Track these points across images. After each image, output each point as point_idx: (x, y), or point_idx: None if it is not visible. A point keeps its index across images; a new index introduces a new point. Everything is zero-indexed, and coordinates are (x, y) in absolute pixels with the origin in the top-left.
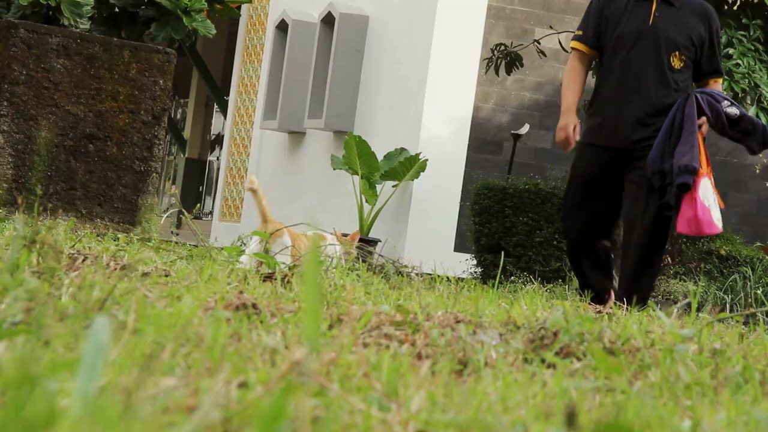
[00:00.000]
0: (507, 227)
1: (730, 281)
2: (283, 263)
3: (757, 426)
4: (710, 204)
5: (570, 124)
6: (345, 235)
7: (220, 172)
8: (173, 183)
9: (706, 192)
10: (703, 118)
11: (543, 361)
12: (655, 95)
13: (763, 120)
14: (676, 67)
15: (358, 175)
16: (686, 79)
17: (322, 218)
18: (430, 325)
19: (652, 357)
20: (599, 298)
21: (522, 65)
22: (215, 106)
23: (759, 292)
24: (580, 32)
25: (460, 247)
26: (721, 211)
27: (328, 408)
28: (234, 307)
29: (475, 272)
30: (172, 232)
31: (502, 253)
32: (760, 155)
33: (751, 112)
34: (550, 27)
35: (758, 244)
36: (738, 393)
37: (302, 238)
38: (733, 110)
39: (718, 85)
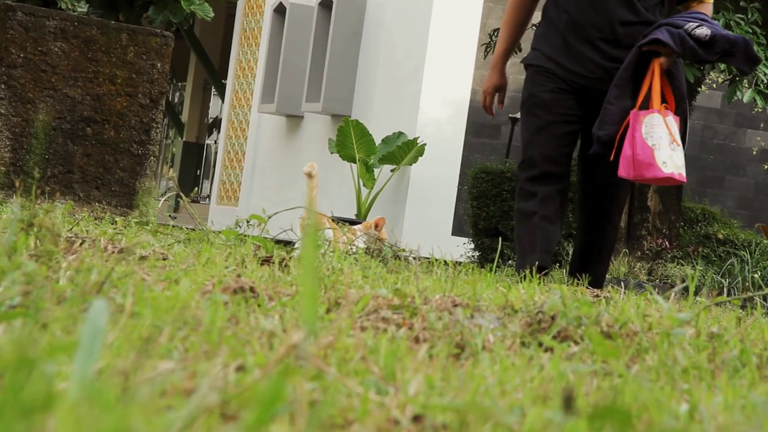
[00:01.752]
0: (505, 211)
1: (728, 265)
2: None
3: (755, 409)
4: (656, 143)
5: (490, 89)
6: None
7: (217, 156)
8: (171, 167)
9: (652, 129)
10: (661, 58)
11: (540, 344)
12: (618, 21)
13: (760, 104)
14: None
15: (354, 162)
16: (656, 5)
17: (320, 202)
18: (427, 309)
19: (650, 341)
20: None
21: (520, 50)
22: (213, 90)
23: (756, 275)
24: None
25: (457, 230)
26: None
27: (325, 391)
28: (232, 291)
29: (473, 256)
30: (169, 215)
31: (500, 237)
32: (758, 138)
33: (748, 95)
34: None
35: (758, 225)
36: (735, 377)
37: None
38: (702, 30)
39: (704, 7)
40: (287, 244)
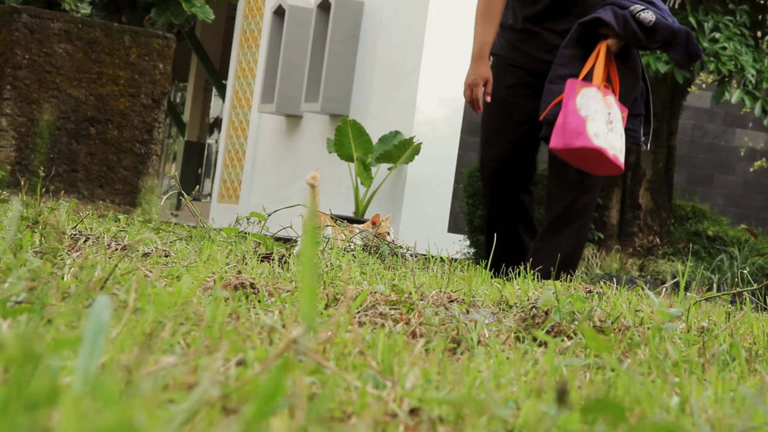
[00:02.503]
0: None
1: (718, 261)
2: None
3: (744, 402)
4: (590, 114)
5: (479, 81)
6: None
7: (218, 155)
8: (173, 165)
9: (588, 101)
10: (609, 40)
11: (534, 339)
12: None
13: (748, 104)
14: None
15: (352, 161)
16: None
17: (319, 200)
18: (424, 305)
19: (641, 335)
20: (506, 258)
21: None
22: (214, 90)
23: (745, 271)
24: None
25: (453, 228)
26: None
27: (324, 385)
28: (232, 287)
29: (468, 253)
30: (171, 213)
31: (495, 233)
32: (746, 138)
33: (737, 95)
34: None
35: (743, 226)
36: (725, 370)
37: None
38: (647, 15)
39: None
40: (287, 241)
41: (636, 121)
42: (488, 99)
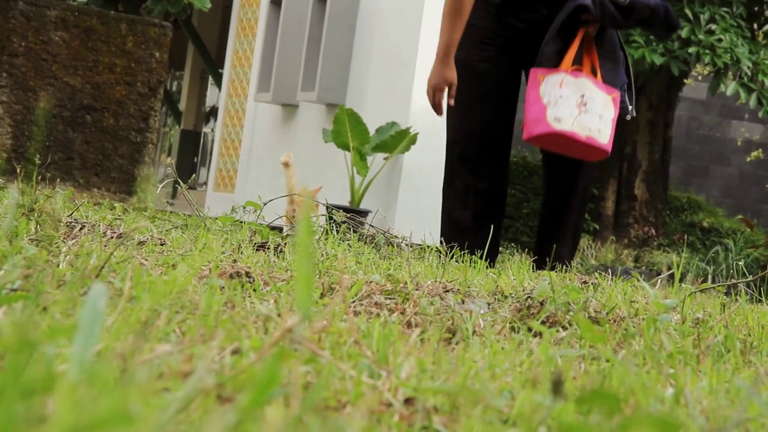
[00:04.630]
0: None
1: (713, 253)
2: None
3: (738, 393)
4: (551, 101)
5: (442, 85)
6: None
7: (214, 144)
8: (169, 154)
9: (552, 88)
10: (589, 27)
11: (530, 329)
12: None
13: (743, 96)
14: None
15: (348, 150)
16: None
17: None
18: (419, 294)
19: (636, 326)
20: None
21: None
22: (210, 79)
23: (740, 263)
24: None
25: None
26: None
27: (319, 374)
28: (228, 276)
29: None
30: (167, 201)
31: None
32: (743, 129)
33: (732, 87)
34: None
35: (740, 216)
36: (720, 361)
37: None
38: None
39: None
40: (282, 230)
41: (621, 91)
42: (452, 102)
